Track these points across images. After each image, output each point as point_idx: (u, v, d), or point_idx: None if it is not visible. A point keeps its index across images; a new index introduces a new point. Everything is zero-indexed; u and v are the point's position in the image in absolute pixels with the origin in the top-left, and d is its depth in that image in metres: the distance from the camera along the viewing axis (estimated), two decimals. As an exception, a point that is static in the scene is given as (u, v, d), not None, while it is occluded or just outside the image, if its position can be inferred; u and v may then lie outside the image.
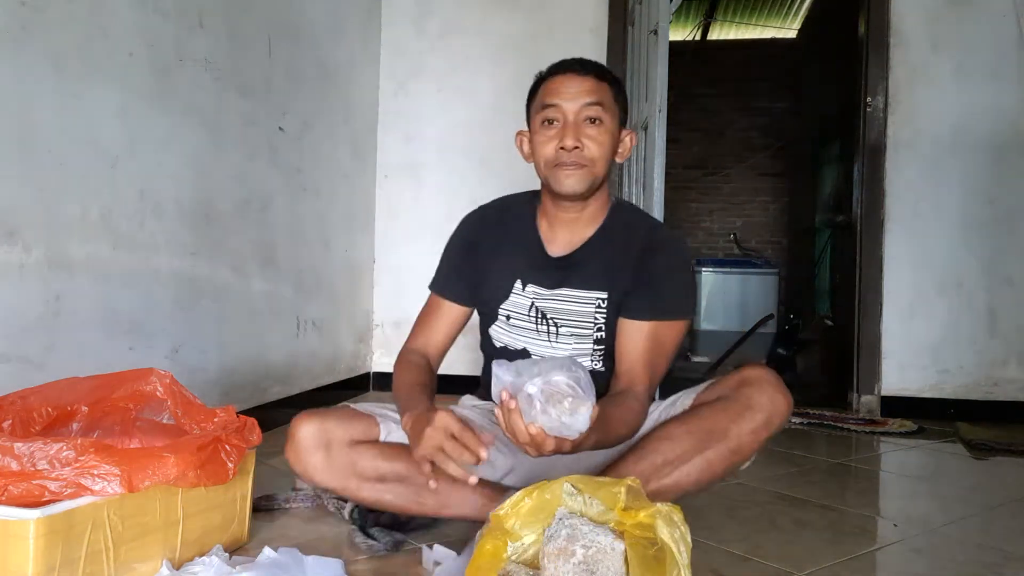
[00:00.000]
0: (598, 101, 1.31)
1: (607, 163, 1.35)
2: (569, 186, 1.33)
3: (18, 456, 0.95)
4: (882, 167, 3.10)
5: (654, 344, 1.33)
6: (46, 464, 0.95)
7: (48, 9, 1.42)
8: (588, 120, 1.31)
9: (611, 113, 1.33)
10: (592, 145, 1.31)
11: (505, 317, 1.43)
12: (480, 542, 0.96)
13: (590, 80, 1.32)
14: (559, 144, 1.31)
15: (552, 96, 1.32)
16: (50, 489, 0.94)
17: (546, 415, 0.96)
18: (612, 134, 1.34)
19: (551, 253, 1.41)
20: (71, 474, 0.95)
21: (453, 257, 1.50)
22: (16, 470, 0.94)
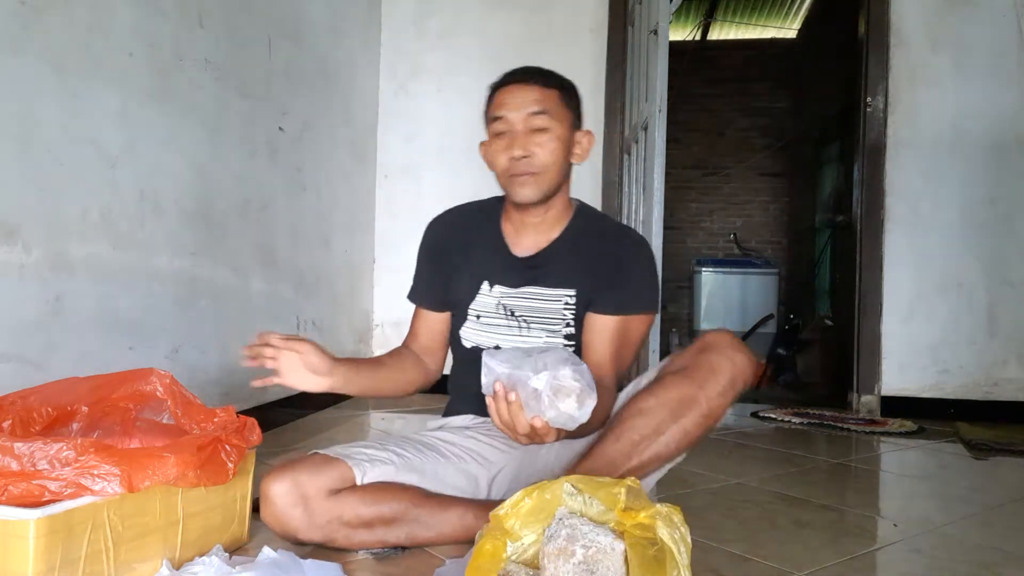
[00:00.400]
0: (542, 110, 1.34)
1: (561, 167, 1.37)
2: (523, 195, 1.36)
3: (18, 456, 0.95)
4: (882, 167, 3.10)
5: (620, 337, 1.37)
6: (46, 464, 0.95)
7: (48, 9, 1.42)
8: (534, 129, 1.33)
9: (559, 118, 1.36)
10: (541, 152, 1.33)
11: (475, 316, 1.46)
12: (479, 542, 0.96)
13: (534, 89, 1.35)
14: (509, 154, 1.34)
15: (499, 108, 1.36)
16: (50, 489, 0.94)
17: (554, 409, 0.97)
18: (562, 139, 1.36)
19: (516, 254, 1.44)
20: (71, 474, 0.95)
21: (422, 266, 1.54)
22: (16, 470, 0.94)
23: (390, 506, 1.27)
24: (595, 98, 3.29)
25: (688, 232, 6.63)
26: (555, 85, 1.38)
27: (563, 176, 1.39)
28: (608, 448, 1.28)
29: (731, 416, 3.04)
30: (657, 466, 1.31)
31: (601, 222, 1.50)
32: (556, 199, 1.41)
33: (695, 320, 5.71)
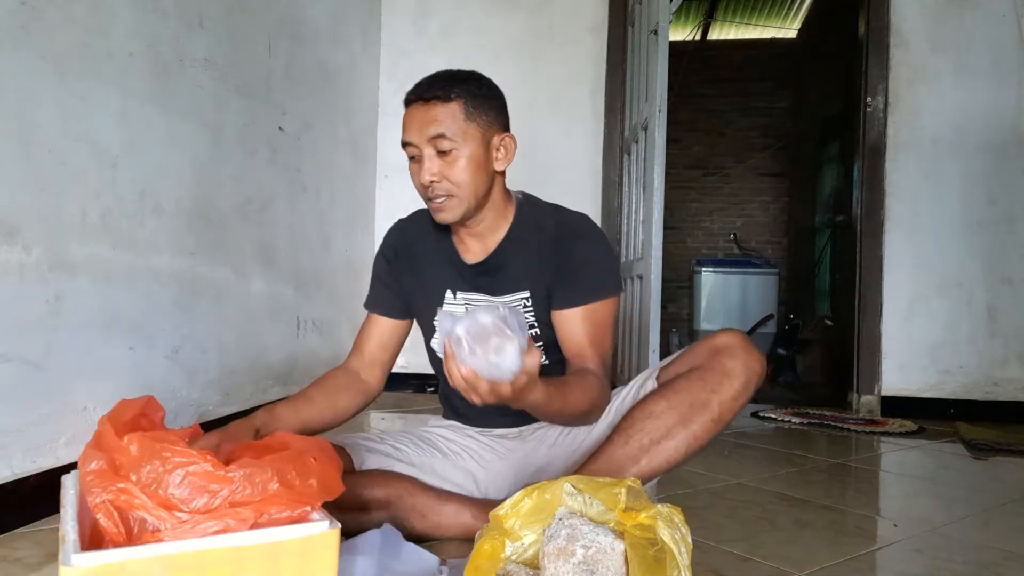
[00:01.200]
0: (441, 133, 1.26)
1: (477, 183, 1.31)
2: (443, 219, 1.32)
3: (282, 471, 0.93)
4: (882, 167, 3.11)
5: (591, 326, 1.34)
6: (296, 479, 0.93)
7: (48, 9, 1.42)
8: (440, 151, 1.28)
9: (463, 134, 1.28)
10: (451, 174, 1.28)
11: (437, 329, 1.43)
12: (478, 542, 0.96)
13: (434, 108, 1.28)
14: (419, 180, 1.30)
15: (405, 132, 1.30)
16: (311, 503, 0.93)
17: (474, 355, 0.96)
18: (471, 155, 1.29)
19: (467, 262, 1.42)
20: (317, 483, 0.94)
21: (381, 274, 1.51)
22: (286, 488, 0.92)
23: (385, 490, 1.28)
24: (595, 98, 3.30)
25: (688, 232, 6.63)
26: (458, 96, 1.29)
27: (484, 189, 1.32)
28: (616, 451, 1.27)
29: (731, 416, 3.04)
30: (665, 470, 1.29)
31: (541, 214, 1.43)
32: (486, 209, 1.36)
33: (695, 320, 5.71)
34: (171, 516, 0.87)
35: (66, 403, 1.48)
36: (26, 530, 1.36)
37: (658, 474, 1.29)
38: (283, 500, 0.90)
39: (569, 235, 1.38)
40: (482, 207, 1.35)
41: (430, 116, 1.27)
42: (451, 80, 1.31)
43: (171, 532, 0.86)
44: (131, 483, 0.88)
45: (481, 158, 1.31)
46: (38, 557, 1.23)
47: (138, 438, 0.92)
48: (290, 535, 0.88)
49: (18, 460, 1.37)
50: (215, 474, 0.89)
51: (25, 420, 1.39)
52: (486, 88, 1.35)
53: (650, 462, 1.26)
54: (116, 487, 0.88)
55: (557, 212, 1.44)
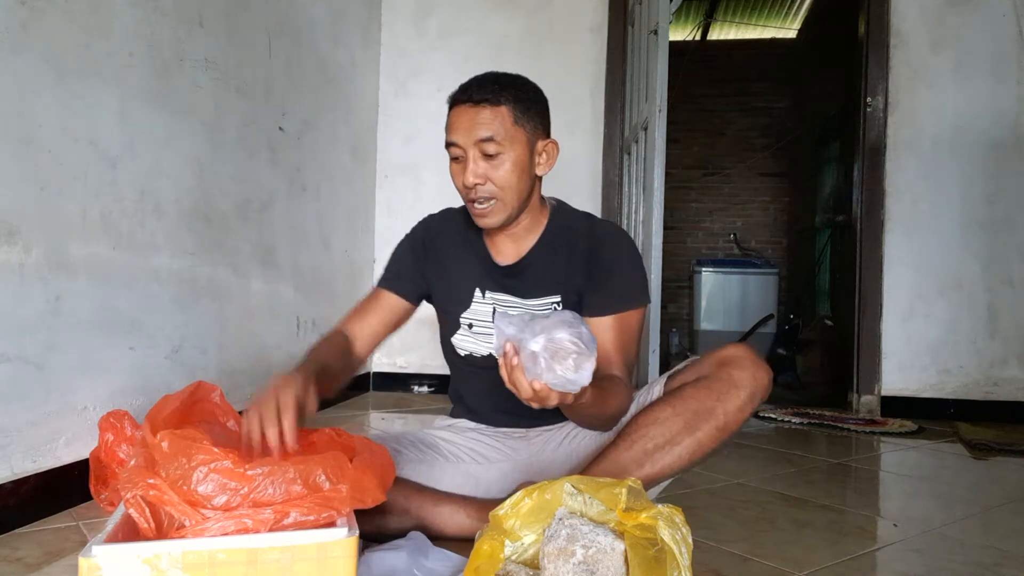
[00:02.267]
0: (490, 136, 1.27)
1: (520, 189, 1.32)
2: (485, 223, 1.34)
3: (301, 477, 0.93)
4: (882, 167, 3.11)
5: (620, 333, 1.34)
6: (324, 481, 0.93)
7: (48, 9, 1.42)
8: (484, 154, 1.28)
9: (511, 138, 1.29)
10: (496, 178, 1.29)
11: (468, 326, 1.44)
12: (478, 543, 0.96)
13: (483, 110, 1.27)
14: (463, 181, 1.30)
15: (450, 132, 1.30)
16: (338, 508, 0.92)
17: (551, 372, 0.96)
18: (517, 160, 1.29)
19: (499, 263, 1.42)
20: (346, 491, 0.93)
21: (405, 257, 1.50)
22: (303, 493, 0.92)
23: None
24: (595, 98, 3.30)
25: (688, 232, 6.63)
26: (507, 101, 1.29)
27: (526, 194, 1.34)
28: (620, 455, 1.27)
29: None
30: (668, 476, 1.29)
31: (575, 221, 1.45)
32: (524, 213, 1.38)
33: (695, 320, 5.71)
34: (195, 512, 0.88)
35: (66, 403, 1.48)
36: (26, 530, 1.36)
37: (661, 479, 1.29)
38: (306, 503, 0.90)
39: (602, 243, 1.39)
40: (522, 211, 1.37)
41: (479, 118, 1.27)
42: (500, 83, 1.31)
43: (192, 529, 0.87)
44: (161, 479, 0.89)
45: (525, 163, 1.32)
46: (38, 557, 1.23)
47: (169, 435, 0.93)
48: (305, 540, 0.87)
49: (18, 460, 1.37)
50: (235, 472, 0.90)
51: (25, 420, 1.39)
52: (533, 93, 1.35)
53: (653, 467, 1.26)
54: (146, 482, 0.89)
55: (589, 219, 1.45)
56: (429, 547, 1.17)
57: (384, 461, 1.04)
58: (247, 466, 0.91)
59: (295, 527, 0.89)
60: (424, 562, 1.12)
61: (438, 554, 1.16)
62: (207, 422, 1.20)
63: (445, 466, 1.41)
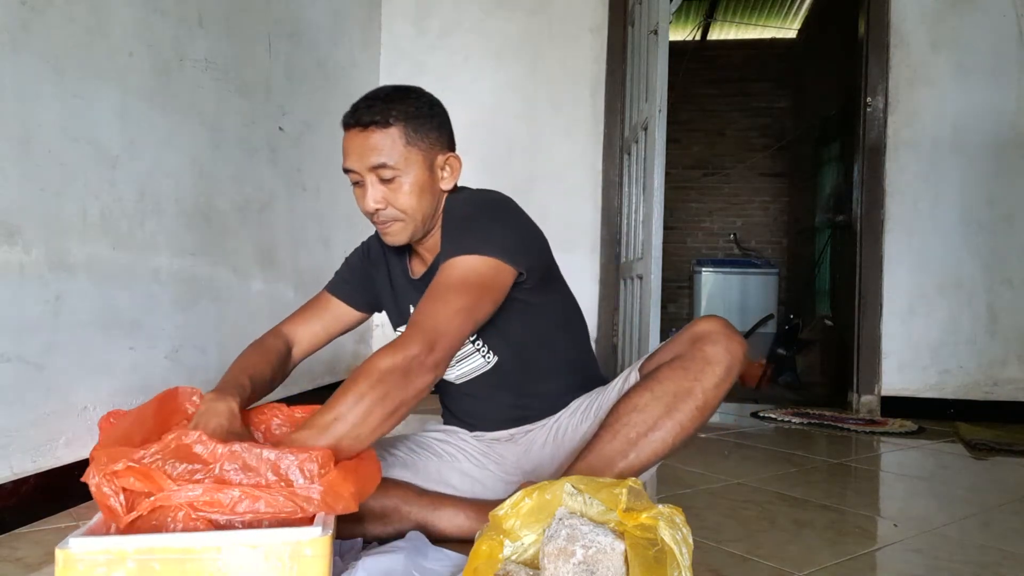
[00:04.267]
0: (382, 162, 1.23)
1: (423, 204, 1.28)
2: (390, 242, 1.32)
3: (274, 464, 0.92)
4: (882, 167, 3.11)
5: (436, 281, 1.20)
6: (299, 476, 0.92)
7: (48, 9, 1.42)
8: (380, 178, 1.25)
9: (405, 160, 1.25)
10: (396, 200, 1.26)
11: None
12: (477, 543, 0.96)
13: (372, 134, 1.23)
14: (364, 207, 1.28)
15: (345, 158, 1.27)
16: (305, 508, 0.91)
17: None
18: (415, 181, 1.26)
19: (414, 277, 1.41)
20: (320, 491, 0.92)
21: (356, 266, 1.50)
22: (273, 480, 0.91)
23: (380, 502, 1.26)
24: (595, 98, 3.30)
25: (688, 232, 6.63)
26: (397, 120, 1.24)
27: (431, 211, 1.31)
28: (604, 447, 1.25)
29: (731, 416, 3.05)
30: (655, 462, 1.28)
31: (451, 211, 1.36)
32: (435, 228, 1.34)
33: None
34: (164, 482, 0.89)
35: (66, 403, 1.48)
36: (26, 530, 1.36)
37: (648, 466, 1.27)
38: (273, 493, 0.90)
39: (446, 219, 1.33)
40: (430, 228, 1.34)
41: (369, 144, 1.24)
42: (388, 102, 1.25)
43: (160, 497, 0.88)
44: (134, 460, 0.90)
45: (425, 181, 1.28)
46: (38, 557, 1.23)
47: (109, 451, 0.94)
48: (278, 538, 0.87)
49: (18, 460, 1.37)
50: (208, 446, 0.91)
51: (25, 420, 1.39)
52: (426, 106, 1.29)
53: (639, 455, 1.24)
54: (123, 459, 0.90)
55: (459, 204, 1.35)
56: (428, 547, 1.17)
57: (369, 469, 1.03)
58: (219, 443, 0.92)
59: (259, 516, 0.89)
60: (423, 563, 1.12)
61: (437, 554, 1.16)
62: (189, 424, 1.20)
63: (440, 465, 1.41)
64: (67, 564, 0.84)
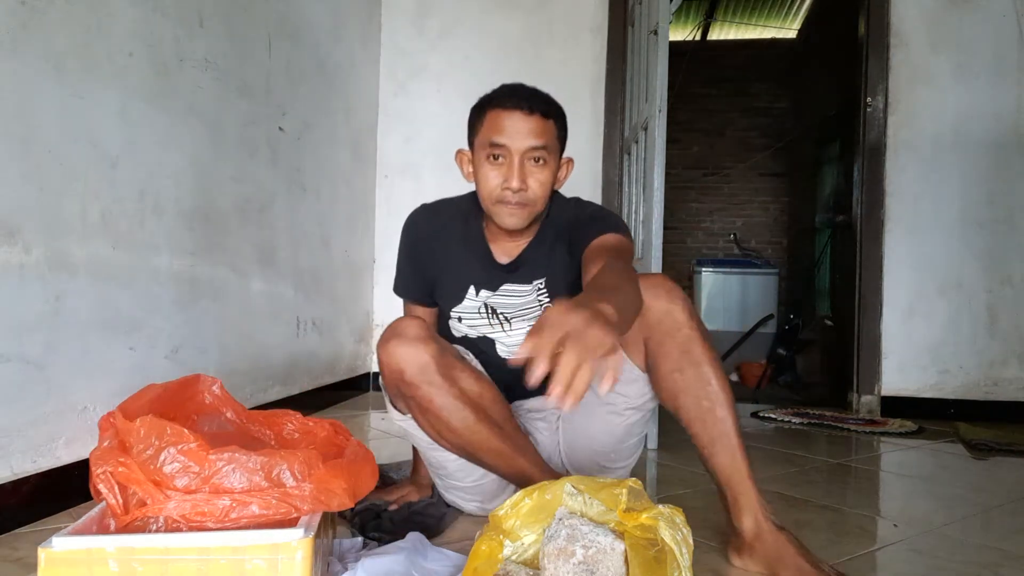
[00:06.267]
0: (543, 145, 1.33)
1: (548, 194, 1.39)
2: (512, 224, 1.38)
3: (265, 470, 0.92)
4: (882, 167, 3.11)
5: (607, 248, 1.31)
6: (291, 479, 0.93)
7: (48, 9, 1.42)
8: (533, 160, 1.34)
9: (554, 151, 1.37)
10: (536, 185, 1.35)
11: (457, 319, 1.49)
12: (476, 543, 0.96)
13: (537, 121, 1.33)
14: (504, 184, 1.34)
15: (499, 134, 1.33)
16: (299, 508, 0.92)
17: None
18: (553, 170, 1.38)
19: (499, 261, 1.47)
20: (312, 490, 0.93)
21: (403, 265, 1.54)
22: (266, 486, 0.92)
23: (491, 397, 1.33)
24: (595, 98, 3.30)
25: (688, 232, 6.63)
26: (554, 115, 1.37)
27: (547, 202, 1.41)
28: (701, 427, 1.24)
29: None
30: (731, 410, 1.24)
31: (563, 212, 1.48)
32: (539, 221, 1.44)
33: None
34: (157, 491, 0.89)
35: (66, 403, 1.48)
36: (26, 530, 1.36)
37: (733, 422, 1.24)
38: (266, 496, 0.90)
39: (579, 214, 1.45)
40: (537, 219, 1.43)
41: (535, 127, 1.33)
42: (547, 98, 1.38)
43: (151, 507, 0.88)
44: (130, 458, 0.90)
45: (554, 176, 1.39)
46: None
47: (148, 420, 0.93)
48: (260, 539, 0.87)
49: (18, 460, 1.37)
50: (199, 454, 0.91)
51: (25, 420, 1.39)
52: (564, 115, 1.42)
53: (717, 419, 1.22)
54: (116, 460, 0.90)
55: (576, 206, 1.49)
56: (428, 547, 1.18)
57: (365, 468, 1.03)
58: (211, 451, 0.91)
59: (254, 520, 0.89)
60: (423, 563, 1.12)
61: (436, 554, 1.16)
62: (205, 414, 1.20)
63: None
64: (49, 563, 0.84)
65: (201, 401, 1.21)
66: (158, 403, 1.08)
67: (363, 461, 1.05)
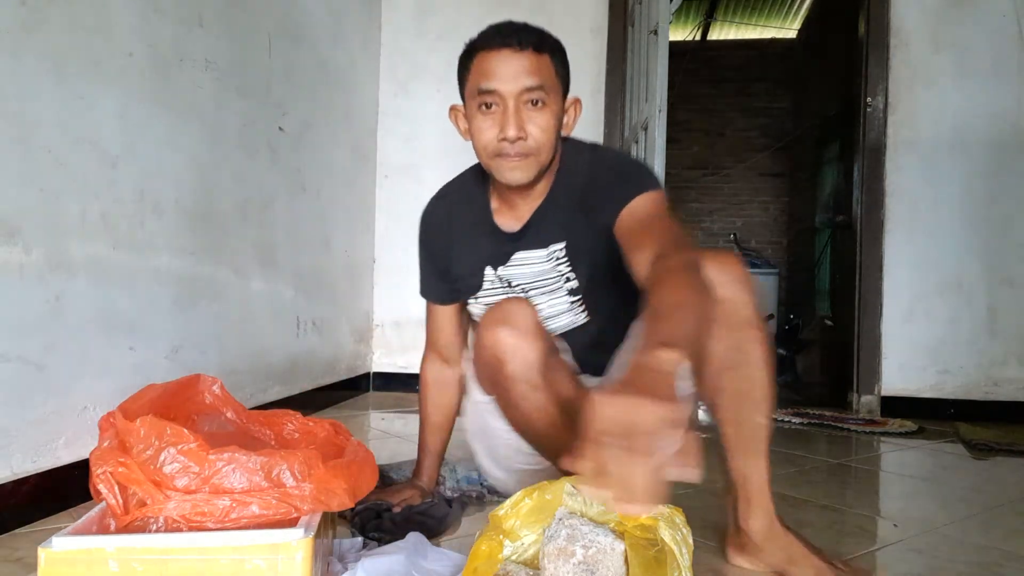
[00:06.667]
0: (539, 84, 1.17)
1: (553, 144, 1.23)
2: (515, 178, 1.23)
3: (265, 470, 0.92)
4: (882, 167, 3.11)
5: (639, 222, 1.16)
6: (290, 479, 0.93)
7: (48, 9, 1.42)
8: (530, 103, 1.18)
9: (554, 91, 1.20)
10: (536, 131, 1.19)
11: (474, 299, 1.42)
12: (476, 543, 0.96)
13: (530, 57, 1.17)
14: (500, 134, 1.19)
15: (488, 79, 1.18)
16: (299, 507, 0.92)
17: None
18: (556, 113, 1.21)
19: (506, 229, 1.34)
20: (312, 490, 0.93)
21: (424, 263, 1.48)
22: (266, 486, 0.92)
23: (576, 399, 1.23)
24: (595, 98, 3.30)
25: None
26: (548, 49, 1.20)
27: (554, 151, 1.25)
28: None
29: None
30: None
31: (576, 163, 1.31)
32: (546, 175, 1.29)
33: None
34: (157, 492, 0.89)
35: (66, 403, 1.48)
36: (26, 530, 1.36)
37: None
38: (266, 496, 0.90)
39: (597, 169, 1.28)
40: (544, 173, 1.26)
41: (527, 65, 1.17)
42: (539, 31, 1.21)
43: (152, 508, 0.88)
44: (130, 458, 0.90)
45: (559, 119, 1.22)
46: (38, 557, 1.23)
47: (148, 420, 0.93)
48: (260, 539, 0.87)
49: (18, 460, 1.37)
50: (198, 455, 0.91)
51: (25, 420, 1.39)
52: (563, 49, 1.25)
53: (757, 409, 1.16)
54: (116, 460, 0.90)
55: (594, 155, 1.32)
56: (428, 547, 1.18)
57: (365, 468, 1.03)
58: (211, 451, 0.91)
59: (254, 520, 0.89)
60: (423, 563, 1.12)
61: (437, 554, 1.16)
62: (205, 414, 1.20)
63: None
64: (49, 563, 0.84)
65: (201, 401, 1.21)
66: (158, 403, 1.08)
67: (363, 461, 1.05)
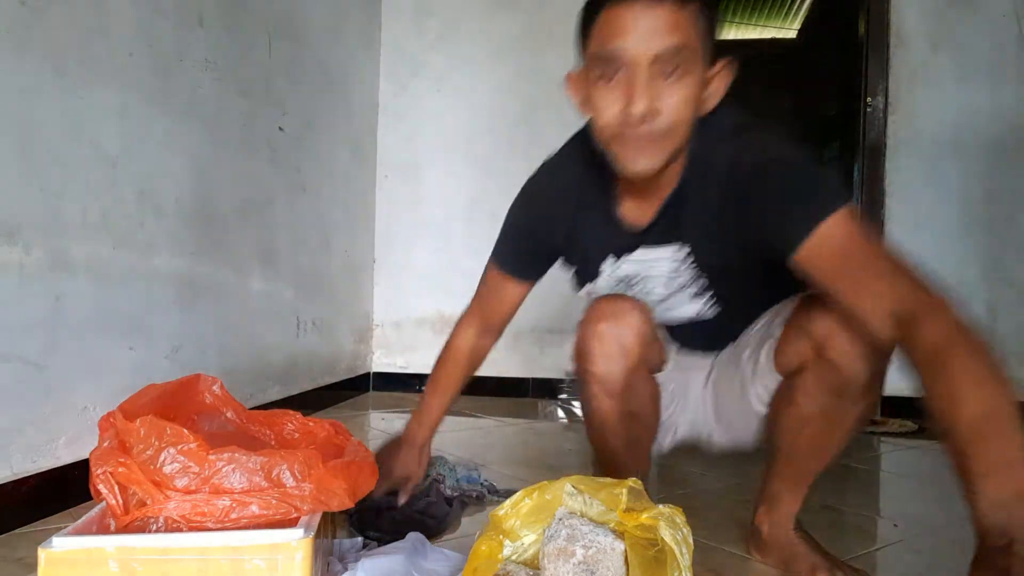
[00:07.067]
0: (679, 45, 0.91)
1: (691, 124, 0.99)
2: (640, 167, 0.99)
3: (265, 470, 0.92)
4: (882, 167, 3.11)
5: (830, 260, 0.94)
6: (290, 479, 0.92)
7: (48, 9, 1.42)
8: (665, 72, 0.93)
9: (697, 57, 0.94)
10: (671, 109, 0.94)
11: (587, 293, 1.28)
12: (476, 543, 0.95)
13: (668, 11, 0.91)
14: (625, 107, 0.95)
15: (613, 38, 0.93)
16: (299, 508, 0.92)
17: None
18: (698, 84, 0.96)
19: (630, 221, 1.15)
20: (312, 490, 0.92)
21: (513, 231, 1.27)
22: (265, 486, 0.91)
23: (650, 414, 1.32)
24: (595, 98, 3.30)
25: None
26: (695, 1, 0.93)
27: (690, 132, 1.00)
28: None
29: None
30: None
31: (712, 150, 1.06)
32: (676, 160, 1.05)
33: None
34: (157, 492, 0.89)
35: (66, 403, 1.48)
36: (26, 530, 1.36)
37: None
38: (266, 496, 0.90)
39: (752, 170, 1.02)
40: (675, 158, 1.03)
41: (665, 21, 0.91)
42: None
43: (151, 508, 0.88)
44: (130, 458, 0.90)
45: (700, 90, 0.98)
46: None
47: (148, 420, 0.93)
48: (259, 539, 0.87)
49: (18, 460, 1.37)
50: (198, 454, 0.91)
51: (25, 420, 1.39)
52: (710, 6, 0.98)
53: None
54: (116, 460, 0.90)
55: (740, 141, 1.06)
56: (428, 547, 1.18)
57: (365, 468, 1.03)
58: (211, 451, 0.91)
59: (254, 520, 0.90)
60: (422, 563, 1.12)
61: (436, 554, 1.16)
62: (205, 414, 1.20)
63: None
64: (49, 563, 0.84)
65: (201, 401, 1.21)
66: (158, 403, 1.08)
67: (363, 461, 1.05)
